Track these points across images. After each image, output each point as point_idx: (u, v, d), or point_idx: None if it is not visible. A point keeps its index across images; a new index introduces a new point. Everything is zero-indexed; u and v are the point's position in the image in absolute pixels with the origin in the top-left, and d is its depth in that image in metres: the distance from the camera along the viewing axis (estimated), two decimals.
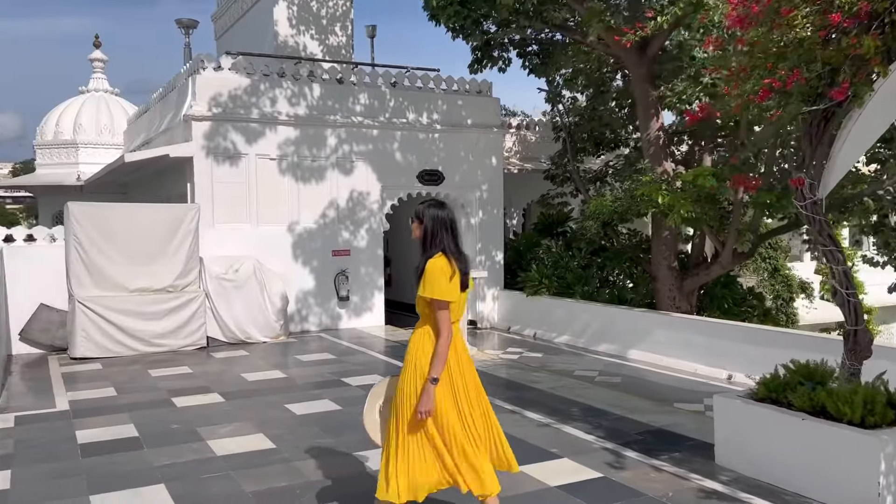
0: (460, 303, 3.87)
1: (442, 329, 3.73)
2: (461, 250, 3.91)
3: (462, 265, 3.84)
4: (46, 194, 20.00)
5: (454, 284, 3.76)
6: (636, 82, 12.14)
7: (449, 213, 3.93)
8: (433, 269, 3.74)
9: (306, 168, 12.68)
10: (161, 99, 14.78)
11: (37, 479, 5.37)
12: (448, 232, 3.86)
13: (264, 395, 8.03)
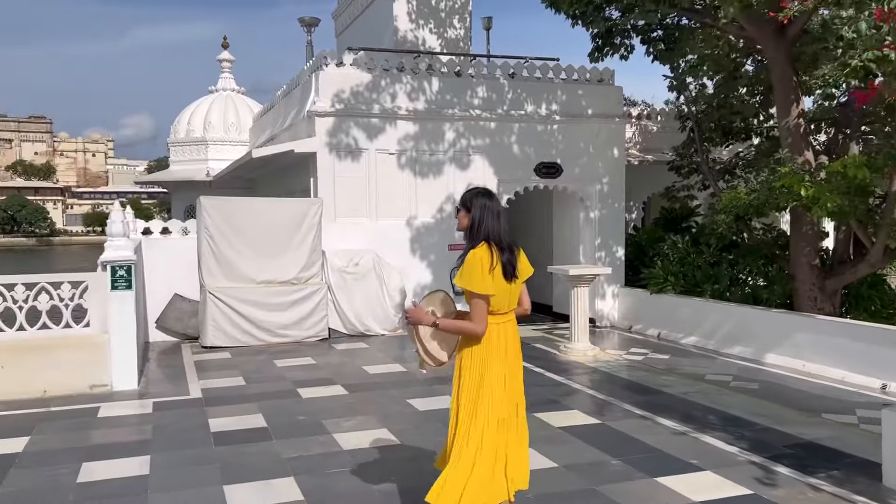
0: (510, 294, 3.75)
1: (475, 319, 3.65)
2: (512, 241, 3.78)
3: (508, 256, 3.70)
4: (179, 189, 21.15)
5: (494, 276, 3.64)
6: (774, 66, 11.27)
7: (497, 202, 3.84)
8: (472, 259, 3.66)
9: (424, 162, 12.66)
10: (285, 96, 15.21)
11: (173, 466, 5.54)
12: (497, 222, 3.74)
13: (386, 389, 8.01)
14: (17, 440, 6.18)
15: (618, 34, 12.87)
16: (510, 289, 3.74)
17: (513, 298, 3.81)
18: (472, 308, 3.67)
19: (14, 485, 5.16)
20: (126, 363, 8.14)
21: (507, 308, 3.79)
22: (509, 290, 3.74)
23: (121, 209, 8.47)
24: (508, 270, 3.69)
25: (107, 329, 8.12)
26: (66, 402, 7.50)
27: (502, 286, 3.68)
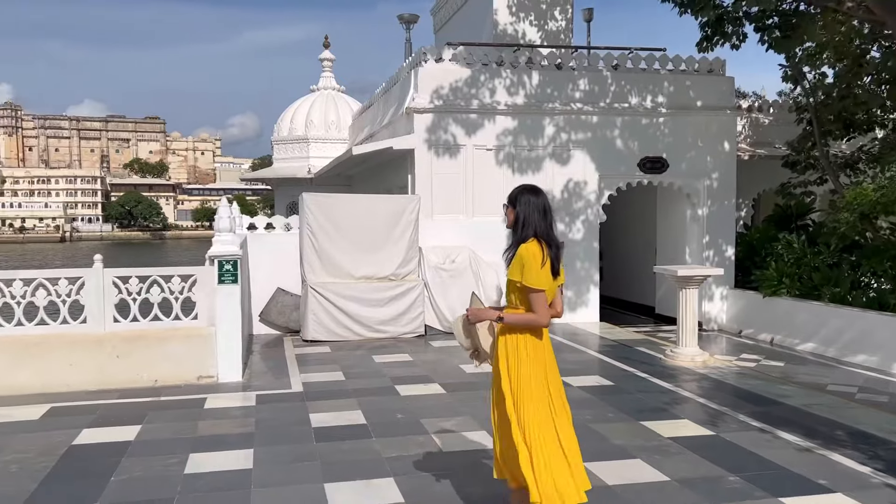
0: (552, 293, 3.79)
1: (537, 311, 3.67)
2: (555, 238, 3.82)
3: (555, 252, 3.75)
4: (282, 186, 21.76)
5: (545, 271, 3.68)
6: None
7: (544, 199, 3.85)
8: (526, 254, 3.67)
9: (522, 158, 12.42)
10: (384, 94, 15.31)
11: (276, 461, 5.57)
12: (543, 219, 3.77)
13: (483, 390, 7.78)
14: (130, 428, 6.41)
15: (729, 22, 12.17)
16: (553, 287, 3.78)
17: (552, 297, 3.82)
18: (532, 302, 3.68)
19: (126, 473, 5.32)
20: (231, 355, 8.33)
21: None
22: (552, 289, 3.79)
23: (228, 205, 8.69)
24: (555, 267, 3.74)
25: (213, 322, 8.34)
26: (175, 392, 7.75)
27: (549, 283, 3.74)
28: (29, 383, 7.70)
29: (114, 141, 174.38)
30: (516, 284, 3.73)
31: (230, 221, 8.55)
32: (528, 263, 3.65)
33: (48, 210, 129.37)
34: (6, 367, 7.70)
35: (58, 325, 7.96)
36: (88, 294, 7.99)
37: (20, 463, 5.53)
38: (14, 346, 7.78)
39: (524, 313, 3.74)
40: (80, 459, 5.64)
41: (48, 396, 7.51)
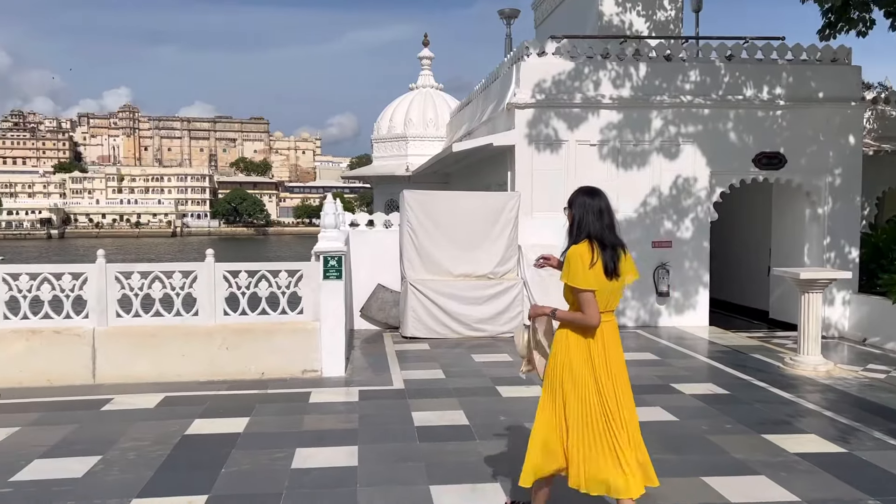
0: (611, 292, 3.82)
1: (586, 311, 3.73)
2: (615, 239, 3.82)
3: (610, 253, 3.76)
4: (381, 184, 22.04)
5: (595, 272, 3.73)
6: None
7: (601, 201, 3.86)
8: (573, 255, 3.76)
9: (627, 153, 11.97)
10: (483, 90, 15.16)
11: (379, 460, 5.51)
12: (598, 220, 3.80)
13: None
14: (239, 420, 6.54)
15: (855, 7, 11.29)
16: (611, 287, 3.79)
17: (613, 298, 3.87)
18: (581, 303, 3.75)
19: (235, 465, 5.40)
20: (335, 350, 8.41)
21: (605, 307, 3.83)
22: (610, 289, 3.80)
23: (333, 202, 8.77)
24: (609, 267, 3.75)
25: (318, 317, 8.43)
26: (280, 386, 7.88)
27: (603, 283, 3.75)
28: (145, 372, 8.02)
29: (221, 140, 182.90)
30: (568, 285, 3.82)
31: (335, 218, 8.62)
32: (573, 264, 3.75)
33: (161, 206, 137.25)
34: (125, 357, 8.06)
35: (171, 317, 8.25)
36: (200, 287, 8.24)
37: (137, 451, 5.72)
38: (132, 336, 8.13)
39: (575, 312, 3.84)
40: (192, 449, 5.78)
41: (162, 386, 7.80)
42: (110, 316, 8.12)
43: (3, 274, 7.97)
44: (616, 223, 3.90)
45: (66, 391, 7.64)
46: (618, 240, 3.85)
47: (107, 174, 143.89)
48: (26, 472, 5.24)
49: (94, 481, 5.09)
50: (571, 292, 3.83)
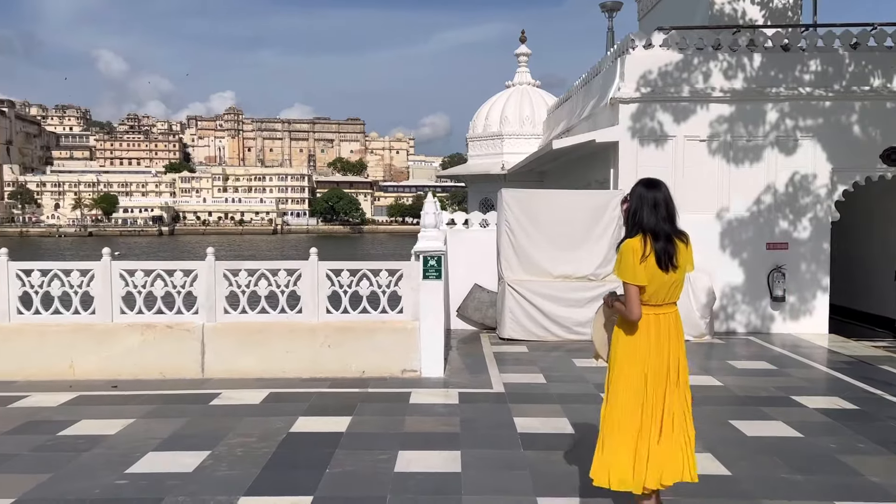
0: (669, 285, 3.77)
1: (628, 305, 3.75)
2: (672, 231, 3.76)
3: (664, 245, 3.70)
4: (475, 182, 21.94)
5: (647, 266, 3.69)
6: None
7: (659, 193, 3.80)
8: (624, 249, 3.75)
9: (739, 148, 11.33)
10: (583, 85, 14.76)
11: (484, 467, 5.35)
12: (653, 212, 3.75)
13: (702, 405, 7.09)
14: (342, 419, 6.54)
15: None
16: (667, 279, 3.73)
17: (672, 290, 3.80)
18: (626, 296, 3.77)
19: (339, 466, 5.37)
20: (433, 351, 8.33)
21: (663, 300, 3.79)
22: (667, 281, 3.74)
23: (433, 201, 8.69)
24: (663, 260, 3.70)
25: (417, 316, 8.37)
26: (381, 385, 7.86)
27: (657, 276, 3.71)
28: (251, 368, 8.19)
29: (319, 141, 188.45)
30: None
31: (435, 217, 8.54)
32: (623, 258, 3.74)
33: (263, 205, 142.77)
34: (232, 352, 8.26)
35: (277, 314, 8.39)
36: (304, 285, 8.34)
37: (244, 447, 5.80)
38: (239, 332, 8.32)
39: (620, 304, 3.86)
40: (296, 448, 5.81)
41: (267, 381, 7.93)
42: (218, 312, 8.34)
43: (120, 270, 8.32)
44: (675, 214, 3.82)
45: (177, 384, 7.90)
46: (675, 231, 3.79)
47: (213, 174, 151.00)
48: (141, 465, 5.39)
49: (203, 476, 5.17)
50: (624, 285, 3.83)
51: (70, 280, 8.29)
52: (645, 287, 3.71)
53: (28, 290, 8.30)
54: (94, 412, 6.83)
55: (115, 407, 7.02)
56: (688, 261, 3.84)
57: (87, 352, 8.21)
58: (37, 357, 8.18)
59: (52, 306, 8.32)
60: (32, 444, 5.90)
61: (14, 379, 8.08)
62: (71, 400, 7.28)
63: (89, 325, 8.29)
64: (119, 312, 8.34)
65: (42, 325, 8.28)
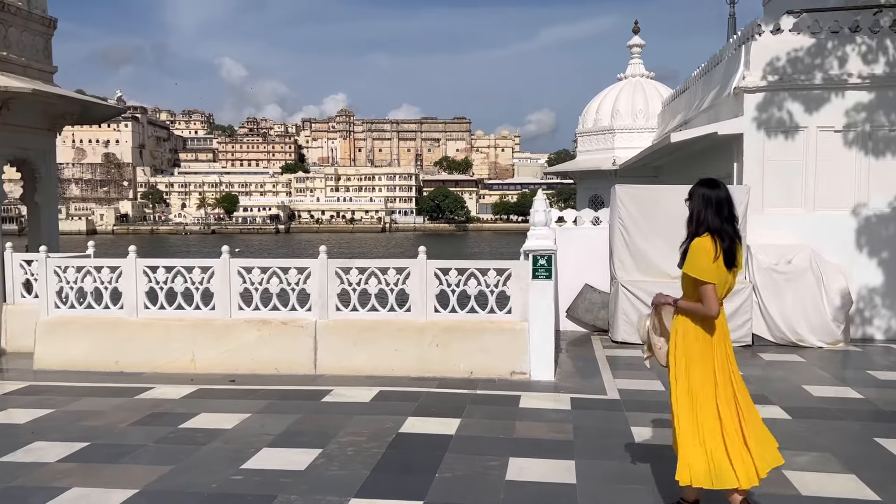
0: (726, 283, 3.94)
1: (706, 302, 3.86)
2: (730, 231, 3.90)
3: (728, 244, 3.86)
4: (584, 179, 21.37)
5: (718, 265, 3.84)
6: None
7: (720, 192, 3.94)
8: (697, 247, 3.88)
9: (880, 139, 10.38)
10: (703, 75, 14.01)
11: (601, 479, 5.07)
12: (715, 211, 3.90)
13: (841, 420, 6.52)
14: (451, 421, 6.41)
15: None
16: (728, 278, 3.94)
17: (728, 287, 4.00)
18: (701, 294, 3.89)
19: (449, 470, 5.24)
20: (543, 353, 8.08)
21: (721, 297, 3.97)
22: (728, 279, 3.95)
23: (543, 199, 8.43)
24: (728, 259, 3.88)
25: (526, 317, 8.15)
26: (489, 387, 7.70)
27: (723, 275, 3.91)
28: (361, 365, 8.24)
29: (426, 140, 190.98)
30: (689, 277, 3.95)
31: (545, 215, 8.28)
32: (697, 257, 3.88)
33: (372, 204, 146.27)
34: (344, 349, 8.34)
35: (386, 312, 8.40)
36: (413, 284, 8.30)
37: (355, 446, 5.78)
38: (350, 329, 8.39)
39: (696, 302, 3.95)
40: (406, 449, 5.73)
41: (377, 380, 7.94)
42: (330, 309, 8.44)
43: (238, 267, 8.58)
44: (736, 215, 3.98)
45: (291, 380, 8.05)
46: (736, 232, 3.95)
47: (325, 174, 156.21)
48: (255, 461, 5.47)
49: (315, 475, 5.18)
50: (693, 283, 3.94)
51: (192, 277, 8.63)
52: (716, 285, 3.87)
53: (154, 286, 8.71)
54: (213, 406, 7.05)
55: (232, 401, 7.22)
56: (741, 261, 4.04)
57: (207, 346, 8.53)
58: (162, 351, 8.57)
59: (175, 302, 8.69)
60: (156, 435, 6.14)
61: (142, 371, 8.50)
62: (192, 393, 7.56)
63: (209, 320, 8.61)
64: (237, 308, 8.60)
65: (166, 320, 8.67)
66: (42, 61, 10.40)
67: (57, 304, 8.87)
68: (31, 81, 9.81)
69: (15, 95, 9.25)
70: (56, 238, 11.00)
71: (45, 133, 10.65)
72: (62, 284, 8.86)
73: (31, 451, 5.75)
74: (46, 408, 7.02)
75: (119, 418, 6.65)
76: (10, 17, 9.74)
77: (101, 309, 8.81)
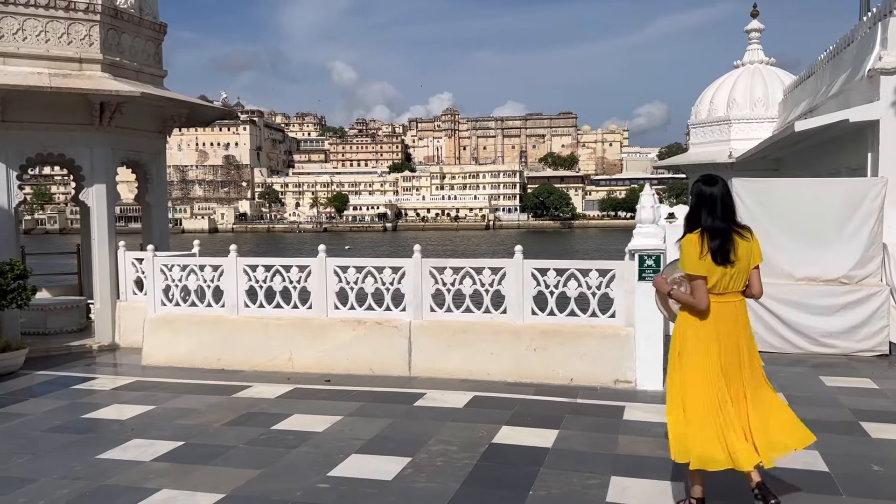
0: (727, 276, 4.04)
1: (695, 295, 4.07)
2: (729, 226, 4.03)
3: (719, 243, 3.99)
4: (697, 172, 20.19)
5: (707, 261, 4.00)
6: None
7: (716, 189, 4.08)
8: (685, 243, 4.12)
9: None
10: (831, 59, 12.84)
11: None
12: (708, 210, 4.06)
13: None
14: (547, 432, 6.02)
15: None
16: (726, 272, 4.02)
17: (734, 280, 4.06)
18: (692, 287, 4.09)
19: (544, 487, 4.85)
20: (651, 361, 7.52)
21: (724, 288, 4.07)
22: (726, 273, 4.02)
23: (651, 194, 7.82)
24: (719, 256, 3.99)
25: (631, 321, 7.61)
26: (590, 396, 7.22)
27: (715, 270, 4.01)
28: (456, 368, 7.97)
29: (531, 137, 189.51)
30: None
31: (653, 212, 7.69)
32: (684, 252, 4.08)
33: (476, 201, 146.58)
34: (437, 351, 8.09)
35: (481, 314, 8.08)
36: (509, 285, 7.94)
37: (445, 456, 5.49)
38: (445, 331, 8.13)
39: (686, 294, 4.15)
40: (499, 462, 5.39)
41: (471, 384, 7.65)
42: (425, 310, 8.22)
43: (335, 266, 8.51)
44: (734, 210, 4.10)
45: (385, 382, 7.88)
46: (733, 226, 4.05)
47: (431, 173, 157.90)
48: (343, 468, 5.29)
49: (401, 487, 4.93)
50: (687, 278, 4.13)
51: (289, 276, 8.63)
52: (707, 277, 4.02)
53: (253, 284, 8.79)
54: (306, 407, 6.97)
55: (326, 402, 7.12)
56: (752, 253, 4.10)
57: (304, 346, 8.51)
58: (261, 349, 8.63)
59: (274, 300, 8.73)
60: (248, 436, 6.09)
61: (242, 368, 8.59)
62: (287, 393, 7.54)
63: (306, 319, 8.59)
64: (333, 308, 8.53)
65: (266, 318, 8.72)
66: (153, 66, 10.78)
67: (163, 302, 9.12)
68: (143, 85, 10.18)
69: (126, 99, 9.60)
70: (166, 237, 11.40)
71: (156, 135, 11.04)
72: (167, 282, 9.11)
73: (128, 448, 5.83)
74: (149, 404, 7.18)
75: (215, 417, 6.68)
76: (123, 23, 10.13)
77: (203, 307, 8.99)
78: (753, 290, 4.18)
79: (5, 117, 9.29)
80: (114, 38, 10.04)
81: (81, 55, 9.70)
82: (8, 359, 8.37)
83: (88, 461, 5.54)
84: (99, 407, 7.11)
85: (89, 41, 9.75)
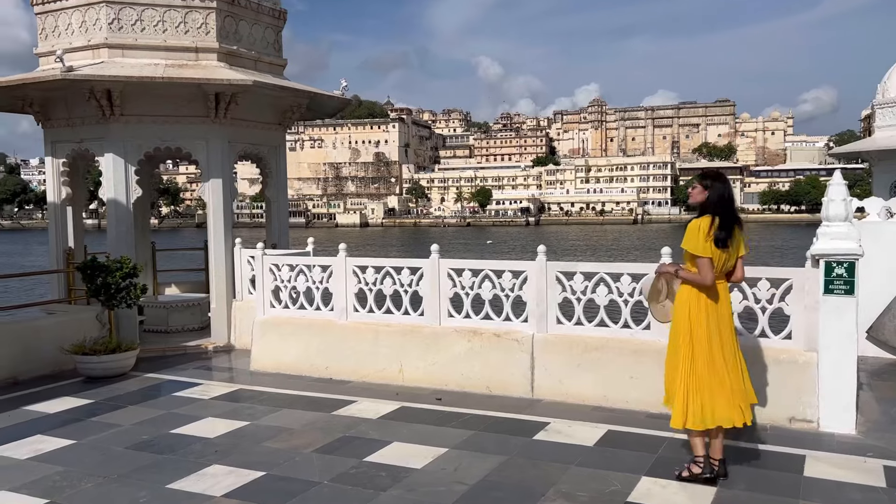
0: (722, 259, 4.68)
1: (701, 272, 4.64)
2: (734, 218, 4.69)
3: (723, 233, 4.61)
4: (884, 160, 17.36)
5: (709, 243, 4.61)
6: None
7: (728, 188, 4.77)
8: (693, 226, 4.68)
9: None
10: None
11: None
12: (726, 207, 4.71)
13: None
14: (702, 490, 4.65)
15: None
16: (721, 256, 4.67)
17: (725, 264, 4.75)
18: (698, 265, 4.66)
19: None
20: (840, 395, 5.89)
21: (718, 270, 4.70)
22: (721, 257, 4.68)
23: (842, 184, 6.10)
24: (717, 242, 4.62)
25: (814, 345, 6.01)
26: (758, 438, 5.72)
27: (716, 252, 4.64)
28: (587, 393, 6.73)
29: (684, 127, 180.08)
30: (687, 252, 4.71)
31: (845, 206, 6.01)
32: (690, 234, 4.67)
33: (623, 195, 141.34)
34: (565, 371, 6.88)
35: (617, 329, 6.77)
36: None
37: None
38: (574, 347, 6.89)
39: (692, 272, 4.71)
40: None
41: (605, 414, 6.38)
42: (550, 321, 7.03)
43: (448, 269, 7.51)
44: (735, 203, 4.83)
45: (503, 404, 6.78)
46: (735, 218, 4.70)
47: (576, 166, 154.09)
48: None
49: None
50: (690, 256, 4.70)
51: (401, 278, 7.75)
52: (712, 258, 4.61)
53: (363, 286, 7.99)
54: (409, 433, 6.02)
55: (432, 428, 6.14)
56: (741, 241, 4.79)
57: (415, 356, 7.59)
58: (370, 359, 7.82)
59: (384, 305, 7.89)
60: (336, 469, 5.23)
61: (350, 379, 7.83)
62: (392, 412, 6.64)
63: (418, 326, 7.66)
64: (446, 315, 7.55)
65: (375, 325, 7.89)
66: (272, 54, 10.30)
67: (272, 304, 8.55)
68: (260, 75, 9.70)
69: (239, 89, 9.13)
70: (285, 233, 10.94)
71: (275, 127, 10.58)
72: (276, 283, 8.52)
73: (204, 477, 5.14)
74: (243, 419, 6.53)
75: (307, 441, 5.89)
76: (240, 9, 9.70)
77: (312, 310, 8.31)
78: (738, 276, 4.89)
79: (124, 111, 9.10)
80: (231, 26, 9.63)
81: (198, 44, 9.35)
82: (116, 360, 8.11)
83: (157, 491, 4.90)
84: (191, 420, 6.55)
85: (206, 29, 9.38)
